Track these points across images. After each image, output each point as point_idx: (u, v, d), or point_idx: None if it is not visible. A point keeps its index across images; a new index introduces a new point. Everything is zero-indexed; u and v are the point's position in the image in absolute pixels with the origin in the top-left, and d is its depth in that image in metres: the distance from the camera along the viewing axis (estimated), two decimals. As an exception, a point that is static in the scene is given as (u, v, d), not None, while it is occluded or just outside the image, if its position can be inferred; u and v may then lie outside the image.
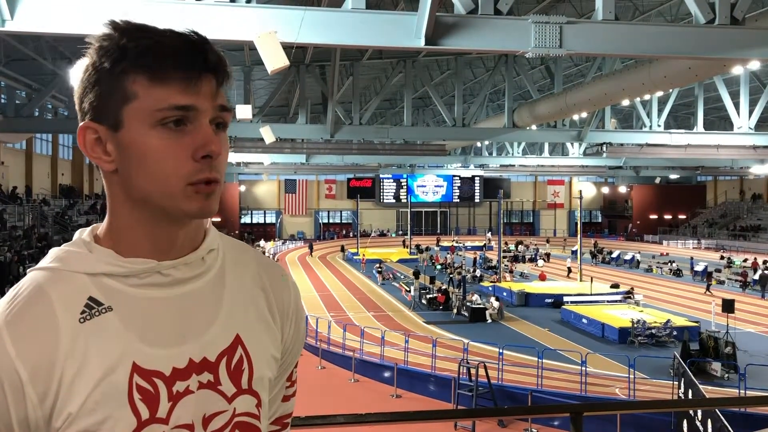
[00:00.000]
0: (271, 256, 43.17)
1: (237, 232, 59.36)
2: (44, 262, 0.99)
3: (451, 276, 33.05)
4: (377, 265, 37.48)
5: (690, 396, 11.85)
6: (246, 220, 65.29)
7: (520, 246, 50.43)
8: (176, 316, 0.99)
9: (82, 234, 1.03)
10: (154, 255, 0.99)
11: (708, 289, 31.27)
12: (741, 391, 13.99)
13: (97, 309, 0.94)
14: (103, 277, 0.97)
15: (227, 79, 0.99)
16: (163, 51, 0.92)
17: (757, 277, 32.27)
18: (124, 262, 0.97)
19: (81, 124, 0.97)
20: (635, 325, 20.87)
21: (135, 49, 0.92)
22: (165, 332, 0.97)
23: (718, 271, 37.42)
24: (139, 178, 0.95)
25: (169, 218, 0.98)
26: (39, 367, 0.90)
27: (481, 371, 14.04)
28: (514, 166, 46.55)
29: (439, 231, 66.19)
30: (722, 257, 43.26)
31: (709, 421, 10.00)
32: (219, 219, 58.27)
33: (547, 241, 56.14)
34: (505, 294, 29.15)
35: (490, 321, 24.13)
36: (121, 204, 0.99)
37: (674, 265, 38.79)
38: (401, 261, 44.40)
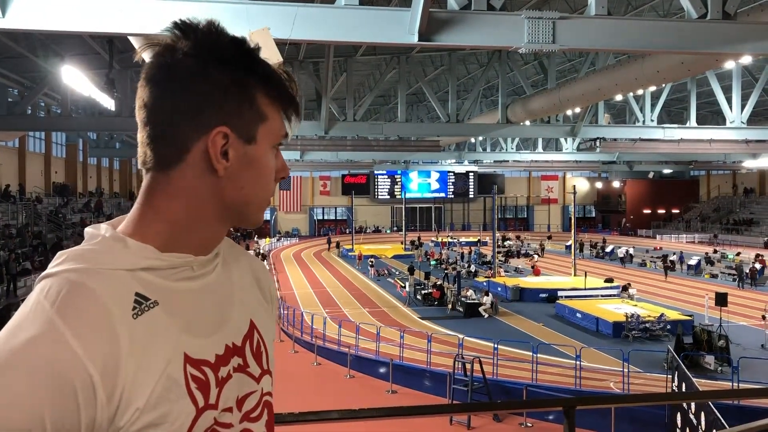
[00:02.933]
0: (266, 254, 43.18)
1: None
2: (66, 264, 0.93)
3: (446, 271, 33.12)
4: (370, 259, 37.57)
5: (683, 389, 11.92)
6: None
7: (507, 241, 50.24)
8: (210, 306, 1.04)
9: (102, 231, 1.00)
10: (192, 250, 1.03)
11: (666, 273, 33.68)
12: (734, 384, 14.09)
13: (146, 304, 0.95)
14: (141, 272, 0.97)
15: None
16: (282, 83, 1.05)
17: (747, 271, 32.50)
18: (164, 256, 0.99)
19: (217, 127, 1.00)
20: (629, 320, 20.97)
21: (262, 72, 1.03)
22: (204, 322, 1.02)
23: (711, 263, 37.62)
24: (249, 188, 1.04)
25: (232, 223, 1.07)
26: (107, 366, 0.88)
27: (476, 366, 14.10)
28: (508, 161, 46.68)
29: (434, 227, 66.26)
30: (715, 251, 43.47)
31: (702, 413, 10.08)
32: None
33: (549, 238, 55.69)
34: (499, 289, 29.23)
35: (486, 316, 24.19)
36: (200, 206, 1.02)
37: (673, 256, 38.94)
38: (396, 257, 44.44)
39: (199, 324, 1.00)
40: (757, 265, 33.41)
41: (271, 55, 8.26)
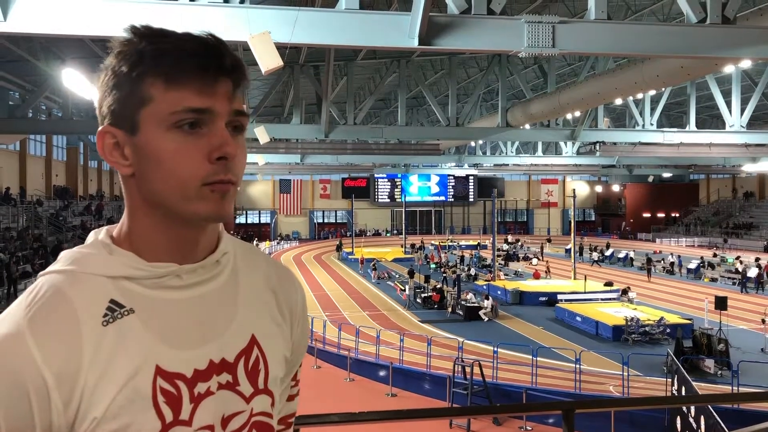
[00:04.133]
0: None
1: (232, 232, 59.26)
2: (58, 264, 0.97)
3: (445, 275, 33.10)
4: (372, 263, 37.55)
5: (683, 393, 11.92)
6: (241, 220, 65.21)
7: (505, 244, 50.11)
8: (196, 318, 0.99)
9: (98, 235, 1.01)
10: (174, 258, 0.99)
11: (648, 274, 34.88)
12: (734, 387, 14.08)
13: (119, 311, 0.93)
14: (123, 280, 0.96)
15: (244, 82, 0.99)
16: (180, 54, 0.92)
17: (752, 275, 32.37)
18: (146, 265, 0.97)
19: (100, 128, 0.97)
20: (629, 323, 20.97)
21: (152, 53, 0.92)
22: (186, 334, 0.97)
23: (712, 267, 37.58)
24: (155, 181, 0.95)
25: (186, 222, 0.98)
26: (64, 372, 0.88)
27: (476, 369, 14.09)
28: (507, 165, 46.67)
29: (433, 231, 66.28)
30: (715, 255, 43.46)
31: (702, 417, 10.07)
32: (213, 219, 58.14)
33: (548, 241, 55.69)
34: (499, 292, 29.22)
35: (486, 320, 24.19)
36: (139, 208, 0.99)
37: (673, 257, 38.89)
38: (396, 260, 44.42)
39: (178, 335, 0.96)
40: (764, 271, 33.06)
41: (272, 59, 8.29)
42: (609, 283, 30.66)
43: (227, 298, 1.04)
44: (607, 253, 45.79)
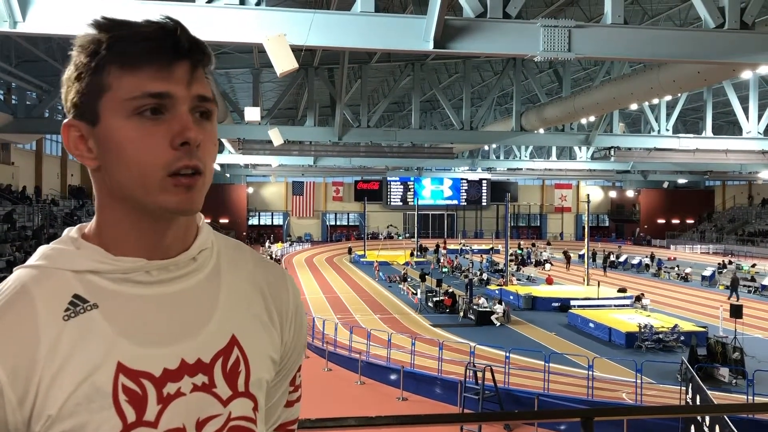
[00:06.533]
0: (279, 259, 43.32)
1: (245, 233, 59.60)
2: (31, 260, 0.97)
3: (465, 278, 32.40)
4: (374, 264, 37.56)
5: (698, 401, 11.79)
6: (253, 221, 65.47)
7: (519, 250, 49.95)
8: (168, 315, 0.95)
9: (69, 231, 1.00)
10: (143, 253, 0.95)
11: (605, 270, 35.51)
12: (749, 397, 13.92)
13: (82, 306, 0.91)
14: (89, 275, 0.93)
15: (205, 63, 0.95)
16: (135, 39, 0.90)
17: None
18: (112, 259, 0.94)
19: (64, 122, 0.95)
20: (642, 330, 20.79)
21: (109, 41, 0.90)
22: (155, 331, 0.93)
23: (721, 272, 37.21)
24: (117, 172, 0.92)
25: (152, 215, 0.94)
26: (18, 368, 0.86)
27: (488, 375, 14.02)
28: (521, 169, 46.63)
29: (446, 234, 66.18)
30: (730, 262, 43.03)
31: (717, 427, 9.95)
32: (227, 220, 58.49)
33: (548, 244, 56.04)
34: (512, 297, 29.09)
35: (498, 325, 24.09)
36: (106, 201, 0.96)
37: (686, 269, 38.51)
38: (408, 264, 44.32)
39: (145, 332, 0.92)
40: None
41: (287, 62, 8.31)
42: (622, 290, 30.43)
43: (205, 297, 0.99)
44: (621, 258, 45.46)
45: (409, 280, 30.55)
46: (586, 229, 36.34)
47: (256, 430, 1.02)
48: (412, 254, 47.12)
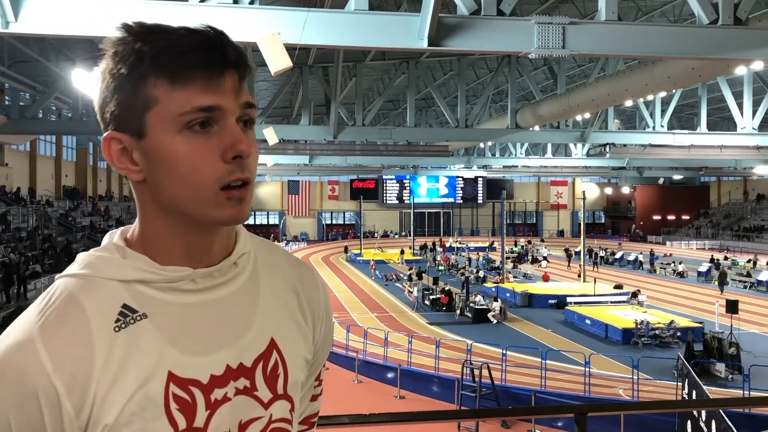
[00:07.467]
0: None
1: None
2: (73, 268, 0.96)
3: (466, 277, 32.24)
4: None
5: (694, 396, 11.83)
6: (249, 221, 65.11)
7: (516, 247, 50.11)
8: (212, 322, 0.96)
9: (113, 237, 1.00)
10: (188, 262, 0.96)
11: (569, 265, 36.37)
12: (745, 391, 13.97)
13: (132, 317, 0.92)
14: (136, 284, 0.94)
15: (249, 73, 0.95)
16: (181, 51, 0.88)
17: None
18: (159, 269, 0.94)
19: (105, 134, 0.94)
20: (639, 326, 20.84)
21: (152, 52, 0.88)
22: (201, 339, 0.95)
23: (717, 268, 37.30)
24: (168, 186, 0.91)
25: (201, 226, 0.95)
26: (75, 380, 0.87)
27: (485, 372, 14.05)
28: (517, 166, 46.54)
29: (442, 232, 66.22)
30: (726, 257, 43.14)
31: (713, 421, 9.99)
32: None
33: (542, 240, 56.31)
34: (508, 295, 29.13)
35: (494, 322, 24.12)
36: (152, 212, 0.96)
37: (680, 266, 38.59)
38: (406, 261, 44.36)
39: (193, 341, 0.94)
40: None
41: (281, 60, 8.28)
42: (619, 286, 30.50)
43: (246, 301, 1.01)
44: (617, 255, 45.56)
45: (413, 280, 30.48)
46: (582, 226, 36.39)
47: (292, 430, 1.05)
48: (402, 252, 47.11)
